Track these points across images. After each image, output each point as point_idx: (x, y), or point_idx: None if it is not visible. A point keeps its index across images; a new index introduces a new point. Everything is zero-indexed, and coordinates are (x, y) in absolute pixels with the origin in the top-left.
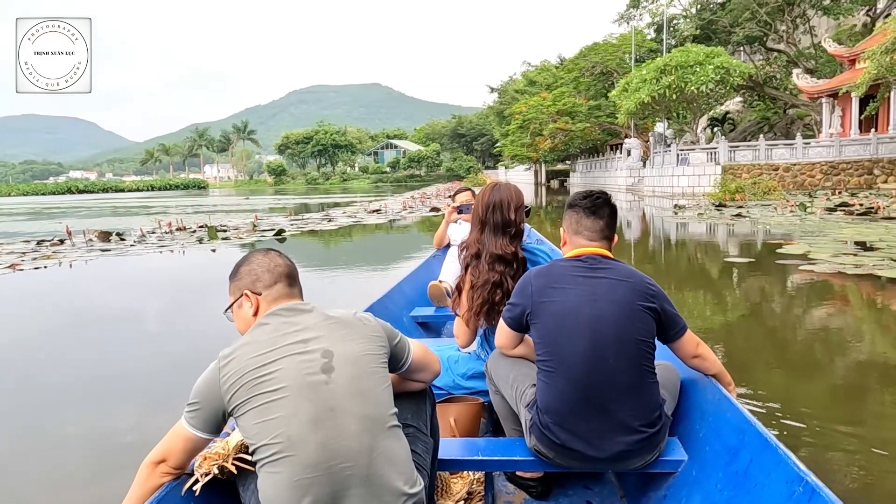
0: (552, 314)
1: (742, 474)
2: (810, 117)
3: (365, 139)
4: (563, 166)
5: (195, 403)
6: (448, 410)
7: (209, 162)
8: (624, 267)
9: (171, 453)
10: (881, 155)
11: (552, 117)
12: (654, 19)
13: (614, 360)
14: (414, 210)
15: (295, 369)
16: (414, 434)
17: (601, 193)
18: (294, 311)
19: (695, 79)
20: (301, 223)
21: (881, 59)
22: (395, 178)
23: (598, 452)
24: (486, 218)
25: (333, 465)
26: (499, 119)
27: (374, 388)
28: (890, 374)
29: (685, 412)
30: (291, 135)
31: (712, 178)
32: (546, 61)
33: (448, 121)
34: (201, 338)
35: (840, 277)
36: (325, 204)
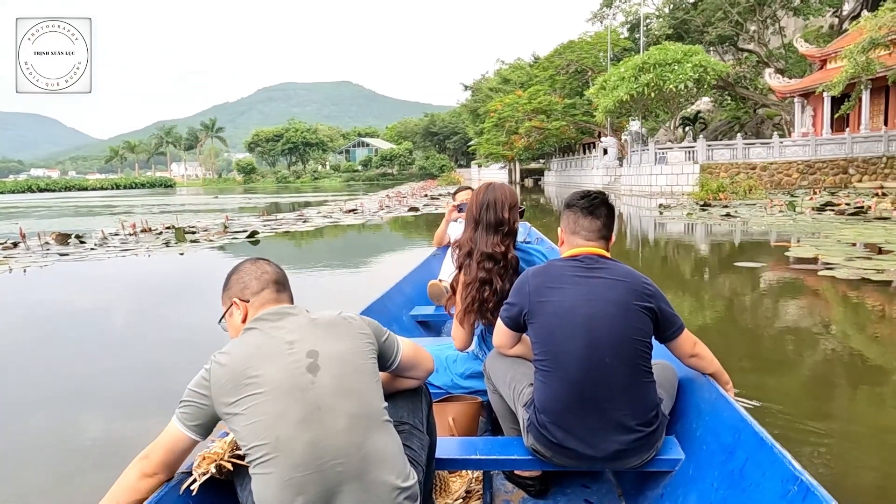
0: (549, 314)
1: (738, 473)
2: (780, 117)
3: (336, 137)
4: (538, 165)
5: (187, 402)
6: (446, 410)
7: (176, 160)
8: (621, 267)
9: (154, 450)
10: (856, 154)
11: (528, 115)
12: (627, 18)
13: (611, 360)
14: (391, 210)
15: (281, 370)
16: (409, 431)
17: (599, 193)
18: (279, 315)
19: (673, 77)
20: (275, 224)
21: (858, 59)
22: (367, 176)
23: (595, 451)
24: (480, 216)
25: (324, 463)
26: (473, 117)
27: (362, 385)
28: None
29: (683, 411)
30: (261, 132)
31: (690, 176)
32: (520, 59)
33: (420, 119)
34: (167, 351)
35: (868, 286)
36: (298, 203)
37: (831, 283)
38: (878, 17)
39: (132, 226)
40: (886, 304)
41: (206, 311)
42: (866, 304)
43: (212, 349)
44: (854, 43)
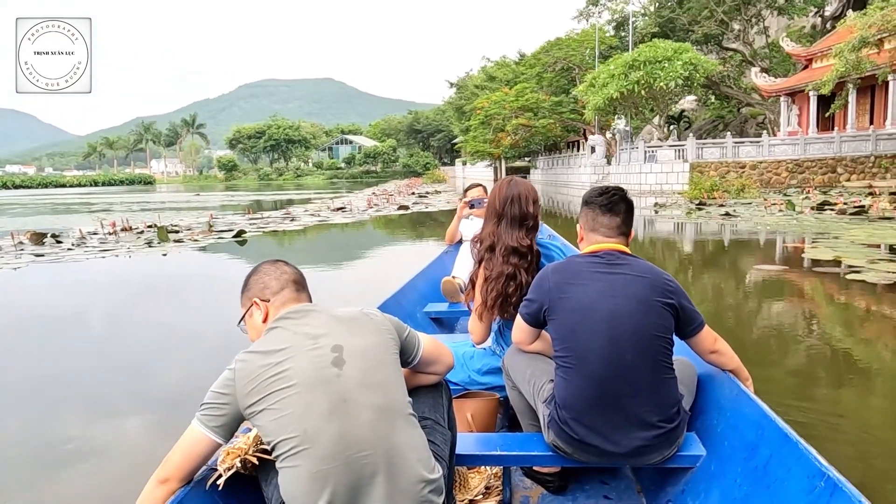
0: (570, 310)
1: (761, 469)
2: (764, 116)
3: (319, 134)
4: (523, 163)
5: (211, 404)
6: (464, 406)
7: (156, 157)
8: (642, 263)
9: (176, 455)
10: (844, 153)
11: (515, 113)
12: (613, 16)
13: (632, 356)
14: (380, 208)
15: (306, 365)
16: (432, 426)
17: (617, 190)
18: (302, 313)
19: (663, 74)
20: (261, 223)
21: (848, 57)
22: (350, 174)
23: (615, 447)
24: (504, 211)
25: (351, 455)
26: (458, 115)
27: (386, 378)
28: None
29: (703, 407)
30: (243, 129)
31: (681, 175)
32: (505, 57)
33: (404, 116)
34: (152, 372)
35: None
36: (282, 201)
37: (862, 288)
38: (867, 16)
39: (112, 224)
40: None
41: (200, 317)
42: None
43: (199, 355)
44: (844, 41)
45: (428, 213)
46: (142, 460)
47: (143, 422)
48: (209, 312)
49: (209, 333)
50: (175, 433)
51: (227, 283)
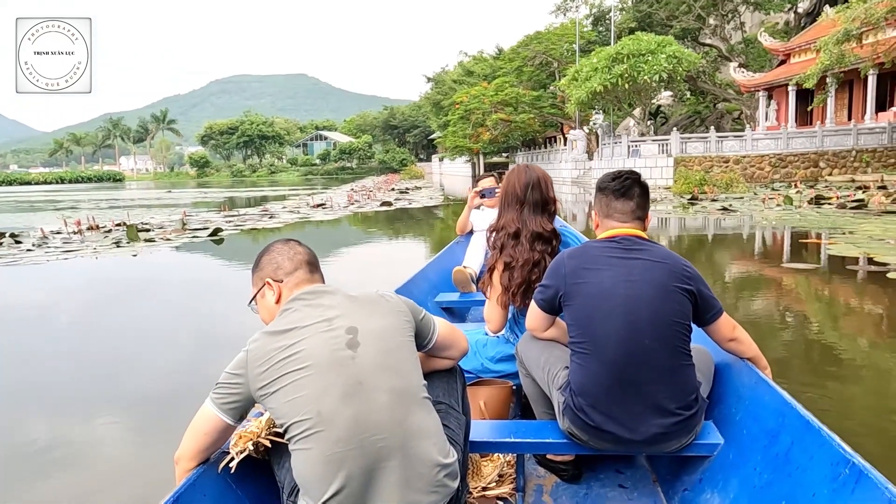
0: (587, 295)
1: (783, 457)
2: (740, 111)
3: (293, 130)
4: (500, 159)
5: (224, 384)
6: (478, 394)
7: (125, 153)
8: (660, 248)
9: (189, 435)
10: (826, 147)
11: (494, 107)
12: (591, 11)
13: (650, 342)
14: (361, 205)
15: (321, 346)
16: (446, 410)
17: (630, 174)
18: (316, 294)
19: (647, 68)
20: (238, 220)
21: (833, 50)
22: (325, 170)
23: (632, 435)
24: (526, 197)
25: (366, 437)
26: (436, 110)
27: (401, 361)
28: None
29: (720, 396)
30: (215, 125)
31: (665, 170)
32: (482, 51)
33: (379, 112)
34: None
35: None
36: (257, 198)
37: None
38: (851, 9)
39: (77, 223)
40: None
41: (174, 325)
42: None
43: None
44: (829, 34)
45: (412, 209)
46: (111, 468)
47: (102, 431)
48: (185, 321)
49: (181, 343)
50: (140, 440)
51: (205, 285)
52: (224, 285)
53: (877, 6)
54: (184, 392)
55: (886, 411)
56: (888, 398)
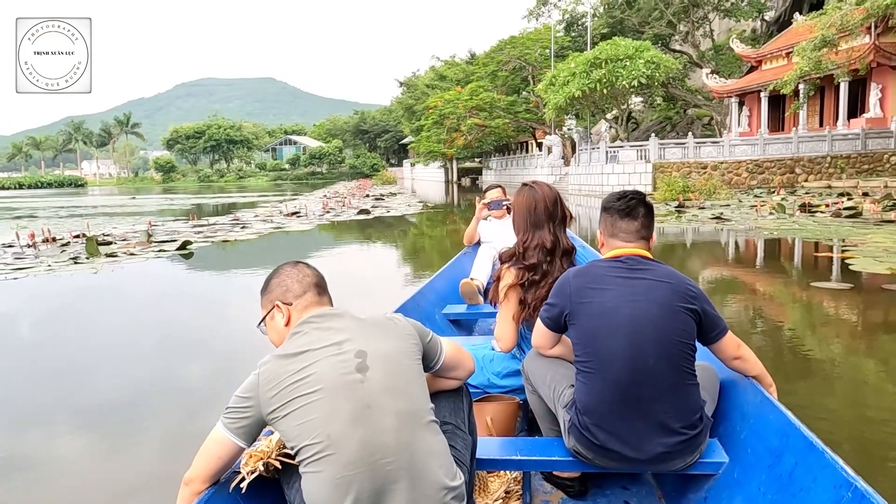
0: (592, 315)
1: (786, 477)
2: (710, 117)
3: (262, 134)
4: (474, 164)
5: (234, 408)
6: (484, 409)
7: (87, 157)
8: (664, 268)
9: (201, 459)
10: (802, 154)
11: (470, 112)
12: (563, 16)
13: (655, 361)
14: (337, 213)
15: (330, 370)
16: (452, 431)
17: (635, 194)
18: (326, 317)
19: (626, 73)
20: (208, 230)
21: (811, 56)
22: (295, 175)
23: (637, 453)
24: (555, 212)
25: (374, 461)
26: (408, 114)
27: (409, 384)
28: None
29: (725, 414)
30: (181, 129)
31: (643, 176)
32: (454, 56)
33: (350, 117)
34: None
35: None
36: (226, 204)
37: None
38: (827, 16)
39: (30, 236)
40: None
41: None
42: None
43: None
44: (807, 40)
45: (391, 217)
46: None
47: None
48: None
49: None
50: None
51: (175, 307)
52: (199, 308)
53: (852, 13)
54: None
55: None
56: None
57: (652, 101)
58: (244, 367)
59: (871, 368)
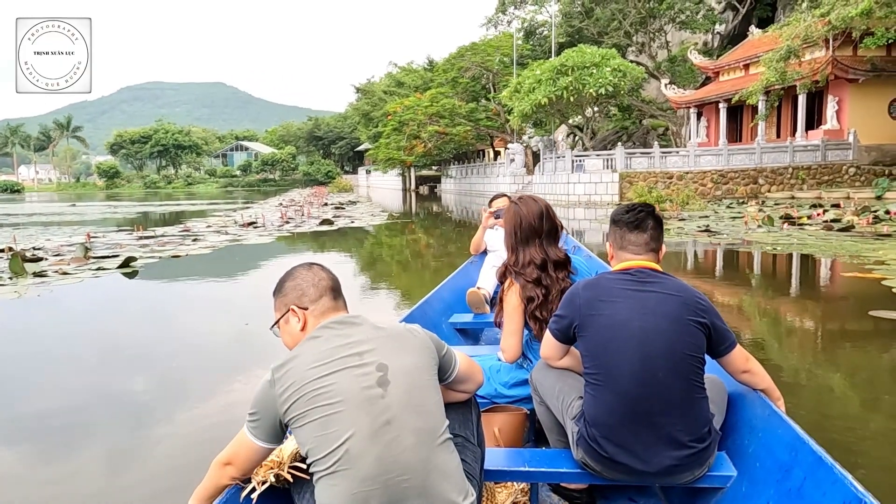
0: (601, 327)
1: (795, 492)
2: (666, 127)
3: (212, 140)
4: (431, 172)
5: (255, 414)
6: (492, 420)
7: (25, 162)
8: (674, 281)
9: (236, 458)
10: (764, 164)
11: (430, 119)
12: (523, 24)
13: (664, 375)
14: (297, 223)
15: (351, 383)
16: (462, 444)
17: (643, 206)
18: (345, 324)
19: (592, 81)
20: (155, 244)
21: (777, 66)
22: (247, 182)
23: (646, 466)
24: (541, 227)
25: (390, 478)
26: (365, 121)
27: (428, 401)
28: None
29: (733, 427)
30: (125, 133)
31: (610, 185)
32: (412, 62)
33: (304, 123)
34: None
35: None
36: (174, 213)
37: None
38: (791, 27)
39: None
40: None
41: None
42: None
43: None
44: (773, 50)
45: (358, 228)
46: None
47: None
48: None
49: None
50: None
51: (110, 353)
52: (146, 366)
53: (816, 24)
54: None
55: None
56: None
57: (607, 112)
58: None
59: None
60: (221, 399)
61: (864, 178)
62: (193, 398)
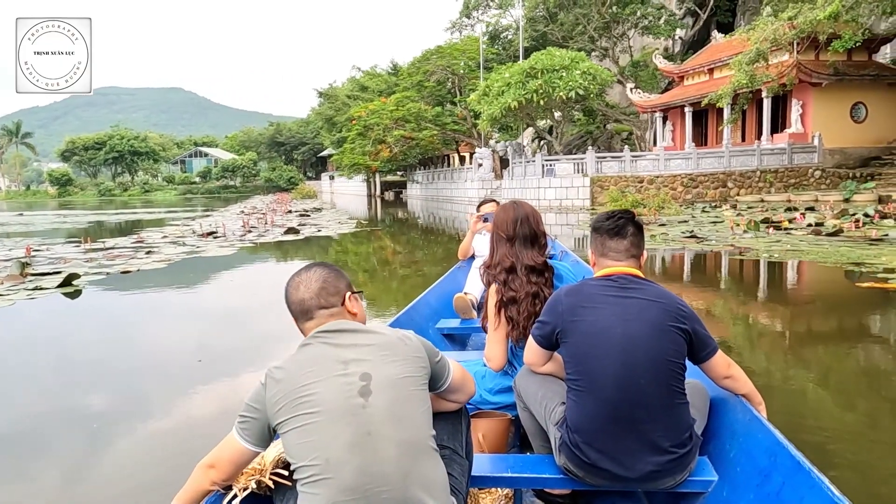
0: (583, 333)
1: (774, 496)
2: (630, 131)
3: (170, 146)
4: (396, 178)
5: (245, 416)
6: (477, 426)
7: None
8: (655, 287)
9: (220, 461)
10: (733, 168)
11: (396, 123)
12: (488, 28)
13: (645, 381)
14: (261, 232)
15: (333, 392)
16: (450, 456)
17: (624, 213)
18: (336, 332)
19: (562, 84)
20: (105, 257)
21: (747, 69)
22: (206, 188)
23: (628, 472)
24: (516, 232)
25: (371, 488)
26: (328, 126)
27: (413, 411)
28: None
29: (715, 432)
30: (78, 140)
31: (581, 190)
32: (375, 66)
33: (265, 128)
34: None
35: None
36: (129, 222)
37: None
38: (758, 31)
39: None
40: None
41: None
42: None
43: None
44: (742, 53)
45: (327, 238)
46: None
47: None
48: None
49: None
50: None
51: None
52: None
53: (783, 28)
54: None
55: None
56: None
57: (572, 117)
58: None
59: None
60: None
61: (829, 181)
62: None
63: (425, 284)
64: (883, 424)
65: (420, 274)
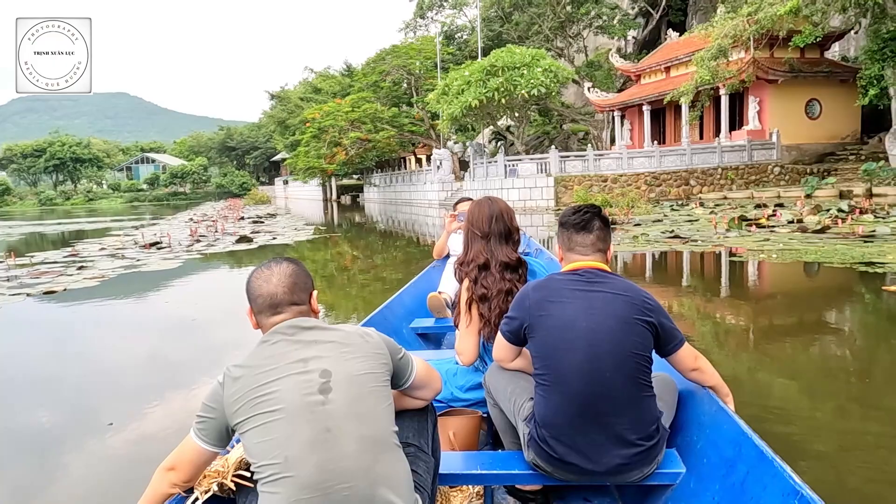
0: (550, 328)
1: (738, 486)
2: (586, 131)
3: (114, 152)
4: (352, 181)
5: (202, 416)
6: (447, 424)
7: None
8: (621, 281)
9: (180, 463)
10: (695, 165)
11: (352, 125)
12: (443, 28)
13: (611, 374)
14: (210, 241)
15: (293, 390)
16: (415, 454)
17: (590, 207)
18: (296, 329)
19: (524, 81)
20: (29, 275)
21: (709, 64)
22: (154, 196)
23: (595, 466)
24: (491, 228)
25: (331, 486)
26: (281, 129)
27: (374, 408)
28: None
29: (683, 424)
30: (16, 147)
31: (545, 190)
32: (329, 68)
33: (215, 133)
34: None
35: None
36: (70, 232)
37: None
38: (719, 27)
39: None
40: None
41: None
42: None
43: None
44: (704, 49)
45: (283, 245)
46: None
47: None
48: None
49: None
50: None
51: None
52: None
53: (743, 23)
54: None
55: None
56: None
57: (529, 117)
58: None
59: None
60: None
61: (788, 178)
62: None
63: (385, 290)
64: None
65: (380, 279)
